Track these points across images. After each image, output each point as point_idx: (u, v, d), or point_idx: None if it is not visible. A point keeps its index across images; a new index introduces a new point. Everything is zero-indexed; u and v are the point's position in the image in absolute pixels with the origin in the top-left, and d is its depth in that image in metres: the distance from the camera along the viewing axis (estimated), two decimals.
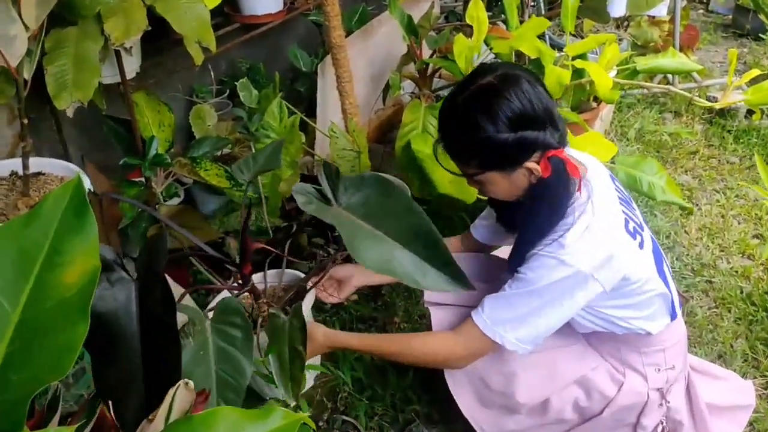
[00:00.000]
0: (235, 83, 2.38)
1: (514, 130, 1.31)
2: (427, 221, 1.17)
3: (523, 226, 1.46)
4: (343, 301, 1.82)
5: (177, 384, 1.25)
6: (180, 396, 1.26)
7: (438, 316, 1.63)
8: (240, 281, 1.61)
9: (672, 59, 2.31)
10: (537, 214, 1.40)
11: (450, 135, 1.41)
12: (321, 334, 1.57)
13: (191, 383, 1.21)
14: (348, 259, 1.91)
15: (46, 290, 0.97)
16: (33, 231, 1.01)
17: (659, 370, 1.55)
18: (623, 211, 1.48)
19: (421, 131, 2.31)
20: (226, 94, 2.67)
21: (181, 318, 1.51)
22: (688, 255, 2.55)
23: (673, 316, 1.54)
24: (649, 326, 1.50)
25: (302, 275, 1.82)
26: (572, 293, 1.38)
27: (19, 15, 1.32)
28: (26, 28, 1.34)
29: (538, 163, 1.35)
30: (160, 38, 1.94)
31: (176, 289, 2.03)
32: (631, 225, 1.47)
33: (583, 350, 1.57)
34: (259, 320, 1.62)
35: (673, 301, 1.54)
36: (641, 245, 1.47)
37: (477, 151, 1.36)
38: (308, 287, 1.71)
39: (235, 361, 1.20)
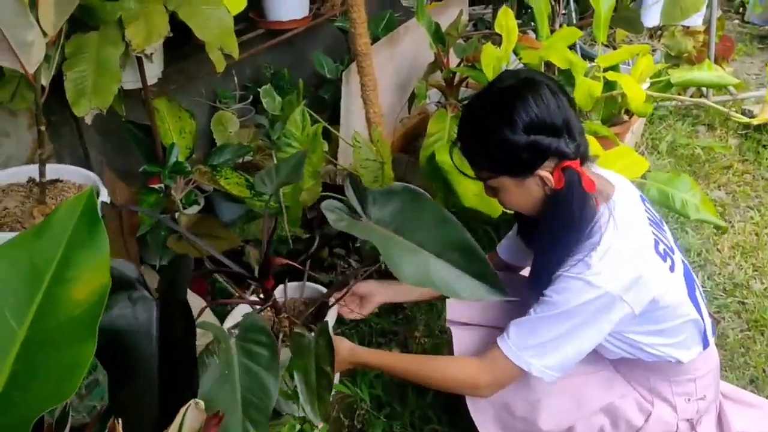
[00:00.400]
0: (259, 89, 2.35)
1: (527, 134, 1.28)
2: (461, 230, 1.13)
3: (541, 241, 1.42)
4: (363, 317, 1.78)
5: (188, 404, 1.22)
6: (190, 416, 1.22)
7: (460, 338, 1.58)
8: (261, 295, 1.57)
9: (708, 72, 2.24)
10: (552, 229, 1.36)
11: (466, 136, 1.39)
12: (346, 350, 1.52)
13: (202, 403, 1.18)
14: (371, 276, 1.87)
15: (54, 307, 0.94)
16: (43, 244, 0.98)
17: (689, 400, 1.49)
18: (653, 233, 1.42)
19: (446, 142, 2.25)
20: (249, 100, 2.63)
21: (203, 334, 1.48)
22: (719, 274, 2.47)
23: (706, 345, 1.47)
24: (679, 354, 1.43)
25: (323, 289, 1.78)
26: (600, 316, 1.32)
27: (37, 21, 1.29)
28: (44, 34, 1.31)
29: (551, 173, 1.31)
30: (183, 43, 1.92)
31: (196, 301, 2.00)
32: (661, 247, 1.41)
33: (611, 377, 1.51)
34: (281, 335, 1.58)
35: (705, 329, 1.47)
36: (672, 268, 1.41)
37: (490, 154, 1.33)
38: (330, 303, 1.67)
39: (261, 380, 1.17)
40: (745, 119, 2.28)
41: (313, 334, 1.39)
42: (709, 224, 2.38)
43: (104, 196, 1.58)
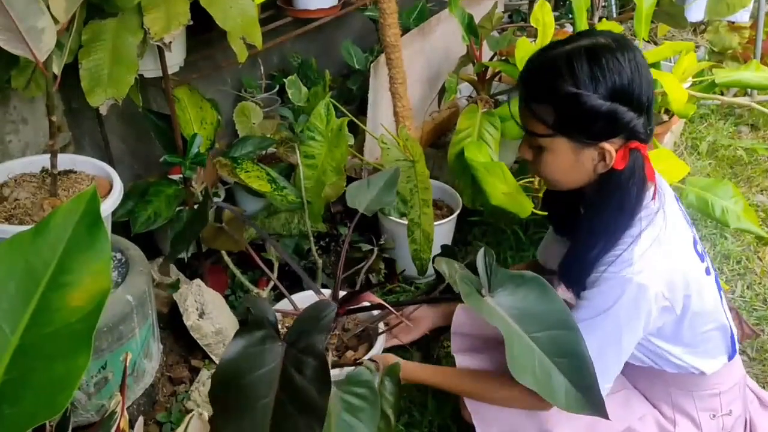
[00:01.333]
0: (285, 79, 2.28)
1: (610, 100, 1.16)
2: (579, 338, 1.08)
3: (583, 225, 1.29)
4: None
5: (191, 414, 1.17)
6: (193, 427, 1.18)
7: (464, 365, 1.51)
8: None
9: (755, 73, 2.13)
10: (602, 212, 1.25)
11: (538, 80, 1.23)
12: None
13: (205, 414, 1.12)
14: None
15: (49, 314, 0.89)
16: (40, 246, 0.93)
17: (714, 416, 1.41)
18: (691, 231, 1.34)
19: (476, 139, 2.17)
20: (275, 90, 2.57)
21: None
22: (760, 284, 2.35)
23: (732, 355, 1.40)
24: (703, 364, 1.35)
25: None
26: (641, 314, 1.23)
27: (48, 7, 1.24)
28: (55, 20, 1.25)
29: (616, 150, 1.20)
30: (207, 30, 1.85)
31: (216, 298, 1.95)
32: (699, 246, 1.33)
33: (628, 398, 1.43)
34: (329, 354, 1.52)
35: (733, 337, 1.40)
36: (707, 271, 1.34)
37: (560, 107, 1.19)
38: (380, 330, 1.62)
39: None
40: None
41: (378, 371, 1.34)
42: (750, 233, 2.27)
43: (118, 190, 1.54)
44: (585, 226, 1.29)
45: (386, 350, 1.66)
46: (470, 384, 1.47)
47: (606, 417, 1.00)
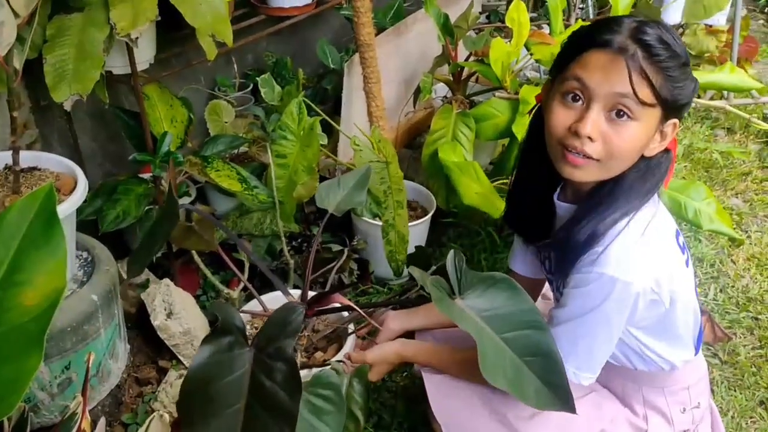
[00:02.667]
0: (258, 78, 2.26)
1: (693, 81, 1.19)
2: (549, 339, 1.09)
3: (600, 193, 1.24)
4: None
5: (152, 415, 1.15)
6: (154, 428, 1.15)
7: (432, 382, 1.48)
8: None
9: (731, 75, 2.14)
10: (630, 193, 1.21)
11: (660, 47, 1.14)
12: (395, 350, 1.49)
13: (166, 416, 1.11)
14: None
15: (2, 313, 0.87)
16: None
17: (684, 410, 1.41)
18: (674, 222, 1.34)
19: (450, 139, 2.16)
20: (249, 89, 2.54)
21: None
22: (733, 287, 2.36)
23: (697, 349, 1.41)
24: (676, 357, 1.36)
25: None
26: (627, 309, 1.22)
27: (7, 1, 1.21)
28: (15, 14, 1.23)
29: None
30: (179, 27, 1.83)
31: (185, 298, 1.93)
32: (681, 239, 1.33)
33: (598, 401, 1.42)
34: (297, 354, 1.50)
35: (701, 332, 1.41)
36: (687, 263, 1.33)
37: (672, 78, 1.14)
38: (350, 332, 1.60)
39: None
40: (767, 125, 2.17)
41: (346, 373, 1.34)
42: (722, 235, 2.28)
43: (82, 187, 1.51)
44: (611, 198, 1.23)
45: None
46: (457, 361, 1.46)
47: (574, 412, 1.01)
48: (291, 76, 2.54)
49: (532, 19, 2.23)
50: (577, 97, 1.17)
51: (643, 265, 1.20)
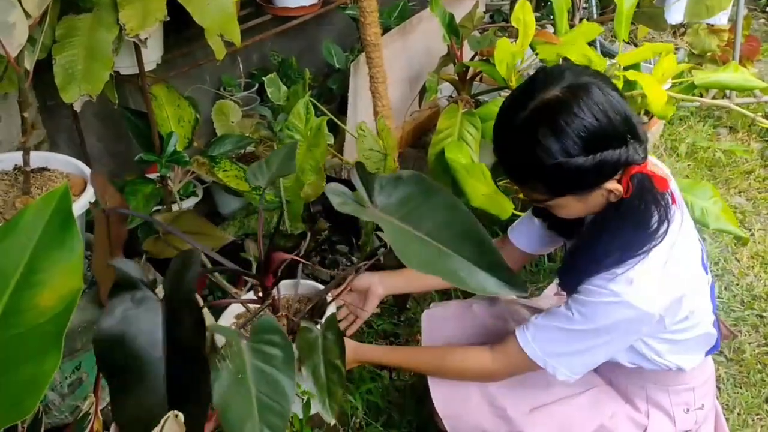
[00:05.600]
0: (264, 78, 2.26)
1: (590, 152, 1.12)
2: (472, 220, 1.04)
3: (594, 237, 1.26)
4: (369, 316, 1.67)
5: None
6: (169, 428, 1.15)
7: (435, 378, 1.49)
8: (260, 294, 1.50)
9: (734, 74, 2.13)
10: (618, 233, 1.21)
11: (511, 159, 1.22)
12: (351, 349, 1.45)
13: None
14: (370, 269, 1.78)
15: (18, 314, 0.87)
16: (10, 245, 0.91)
17: (688, 410, 1.42)
18: (699, 241, 1.34)
19: (456, 139, 2.16)
20: (255, 88, 2.55)
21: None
22: (738, 285, 2.37)
23: (708, 353, 1.42)
24: (683, 362, 1.36)
25: (320, 286, 1.70)
26: (634, 331, 1.25)
27: (19, 1, 1.21)
28: (27, 15, 1.23)
29: (619, 182, 1.17)
30: (186, 27, 1.83)
31: None
32: (706, 259, 1.33)
33: (598, 396, 1.43)
34: None
35: (717, 341, 1.41)
36: (709, 283, 1.36)
37: (545, 178, 1.18)
38: (328, 300, 1.59)
39: (277, 383, 1.10)
40: None
41: (319, 327, 1.33)
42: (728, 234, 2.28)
43: (92, 189, 1.51)
44: (601, 236, 1.25)
45: (352, 335, 1.64)
46: (428, 358, 1.48)
47: (524, 291, 0.98)
48: (296, 76, 2.55)
49: (536, 19, 2.22)
50: None
51: (660, 295, 1.21)
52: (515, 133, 1.18)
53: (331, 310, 1.59)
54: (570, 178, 1.15)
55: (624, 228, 1.21)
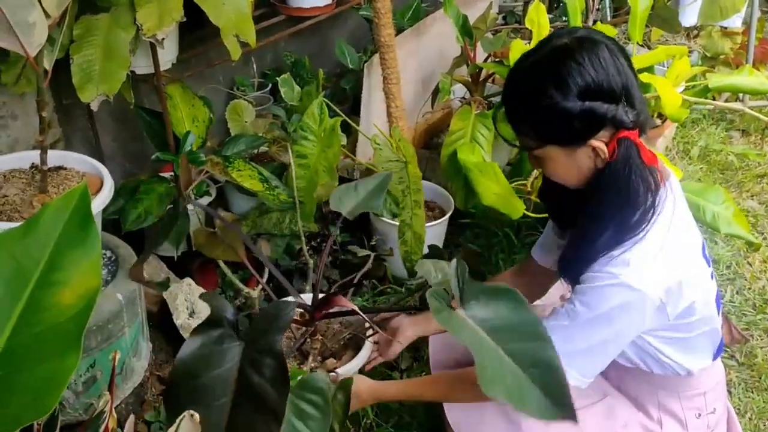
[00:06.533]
0: (278, 78, 2.27)
1: (582, 100, 1.16)
2: (551, 349, 1.05)
3: (588, 217, 1.27)
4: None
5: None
6: (184, 428, 1.16)
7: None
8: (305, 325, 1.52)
9: (748, 77, 2.12)
10: (604, 204, 1.23)
11: (512, 99, 1.27)
12: (366, 390, 1.45)
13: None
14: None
15: (39, 313, 0.87)
16: (30, 243, 0.91)
17: (699, 415, 1.41)
18: (701, 234, 1.33)
19: (469, 140, 2.16)
20: (268, 88, 2.55)
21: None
22: (750, 289, 2.36)
23: (716, 356, 1.41)
24: (691, 364, 1.36)
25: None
26: (636, 319, 1.23)
27: (39, 1, 1.22)
28: (47, 15, 1.24)
29: (607, 143, 1.19)
30: (200, 27, 1.84)
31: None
32: (707, 251, 1.32)
33: (611, 406, 1.42)
34: (310, 357, 1.51)
35: (721, 341, 1.41)
36: (712, 275, 1.34)
37: (538, 120, 1.22)
38: (367, 336, 1.61)
39: None
40: None
41: (332, 383, 1.32)
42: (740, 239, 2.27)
43: (108, 187, 1.52)
44: (591, 214, 1.27)
45: (369, 371, 1.64)
46: (442, 386, 1.46)
47: (575, 420, 0.98)
48: (309, 76, 2.55)
49: (549, 21, 2.22)
50: None
51: (657, 276, 1.21)
52: (520, 74, 1.26)
53: (367, 347, 1.58)
54: (558, 123, 1.19)
55: (608, 194, 1.23)
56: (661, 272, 1.21)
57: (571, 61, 1.17)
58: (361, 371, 1.61)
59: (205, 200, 2.10)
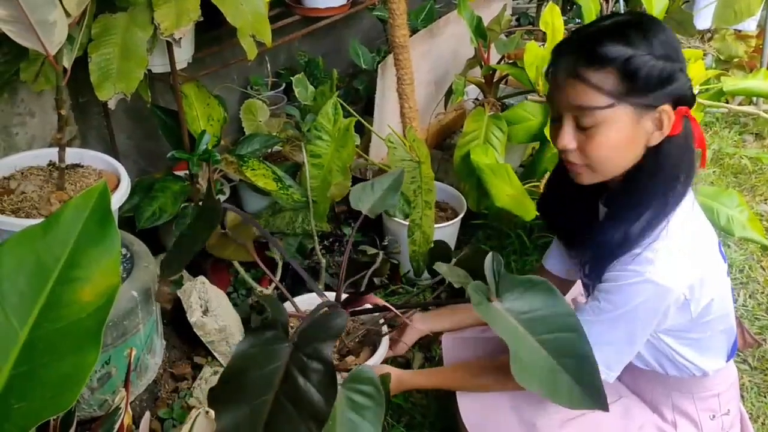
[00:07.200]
0: (292, 77, 2.28)
1: (665, 61, 1.13)
2: (584, 340, 1.08)
3: (626, 199, 1.23)
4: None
5: (197, 410, 1.16)
6: (200, 425, 1.17)
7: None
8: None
9: (764, 81, 2.13)
10: (653, 183, 1.19)
11: (593, 46, 1.15)
12: (395, 378, 1.45)
13: (212, 413, 1.12)
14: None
15: (59, 309, 0.88)
16: (51, 240, 0.92)
17: (714, 416, 1.40)
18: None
19: (482, 142, 2.17)
20: (282, 88, 2.56)
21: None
22: (762, 293, 2.35)
23: (730, 357, 1.40)
24: (707, 364, 1.35)
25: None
26: (659, 314, 1.22)
27: (60, 0, 1.23)
28: (67, 14, 1.25)
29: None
30: (215, 27, 1.85)
31: (219, 296, 1.94)
32: (722, 248, 1.32)
33: (627, 407, 1.42)
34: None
35: (735, 341, 1.41)
36: (728, 272, 1.34)
37: (624, 69, 1.13)
38: (383, 333, 1.61)
39: None
40: None
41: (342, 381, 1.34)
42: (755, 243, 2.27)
43: (125, 185, 1.53)
44: (630, 198, 1.23)
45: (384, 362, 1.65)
46: (465, 373, 1.47)
47: (606, 410, 1.01)
48: (323, 76, 2.56)
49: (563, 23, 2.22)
50: (555, 116, 1.24)
51: (682, 272, 1.20)
52: (601, 27, 1.19)
53: (384, 343, 1.59)
54: (644, 78, 1.13)
55: (659, 175, 1.19)
56: (685, 268, 1.20)
57: (656, 26, 1.16)
58: None
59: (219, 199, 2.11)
